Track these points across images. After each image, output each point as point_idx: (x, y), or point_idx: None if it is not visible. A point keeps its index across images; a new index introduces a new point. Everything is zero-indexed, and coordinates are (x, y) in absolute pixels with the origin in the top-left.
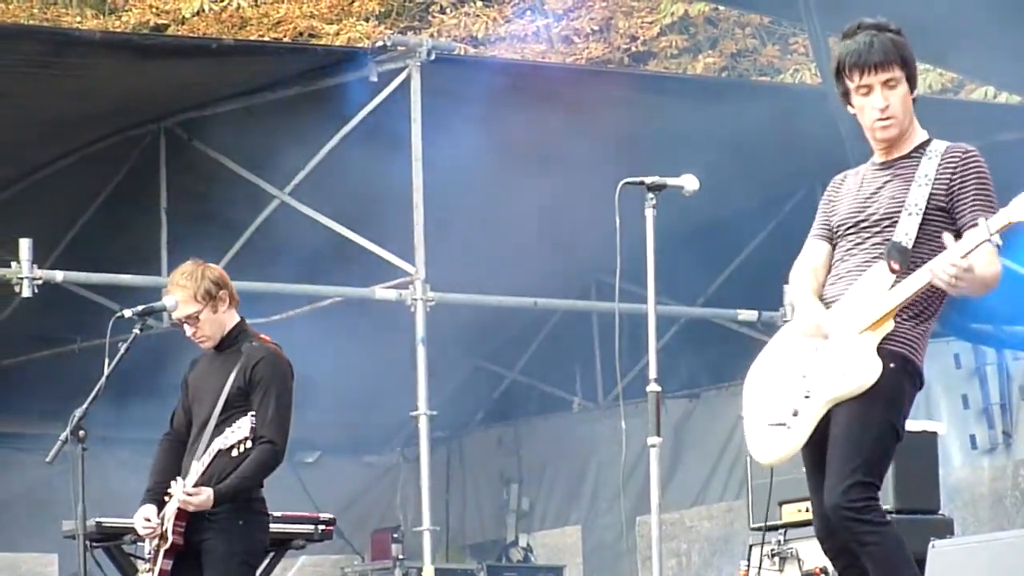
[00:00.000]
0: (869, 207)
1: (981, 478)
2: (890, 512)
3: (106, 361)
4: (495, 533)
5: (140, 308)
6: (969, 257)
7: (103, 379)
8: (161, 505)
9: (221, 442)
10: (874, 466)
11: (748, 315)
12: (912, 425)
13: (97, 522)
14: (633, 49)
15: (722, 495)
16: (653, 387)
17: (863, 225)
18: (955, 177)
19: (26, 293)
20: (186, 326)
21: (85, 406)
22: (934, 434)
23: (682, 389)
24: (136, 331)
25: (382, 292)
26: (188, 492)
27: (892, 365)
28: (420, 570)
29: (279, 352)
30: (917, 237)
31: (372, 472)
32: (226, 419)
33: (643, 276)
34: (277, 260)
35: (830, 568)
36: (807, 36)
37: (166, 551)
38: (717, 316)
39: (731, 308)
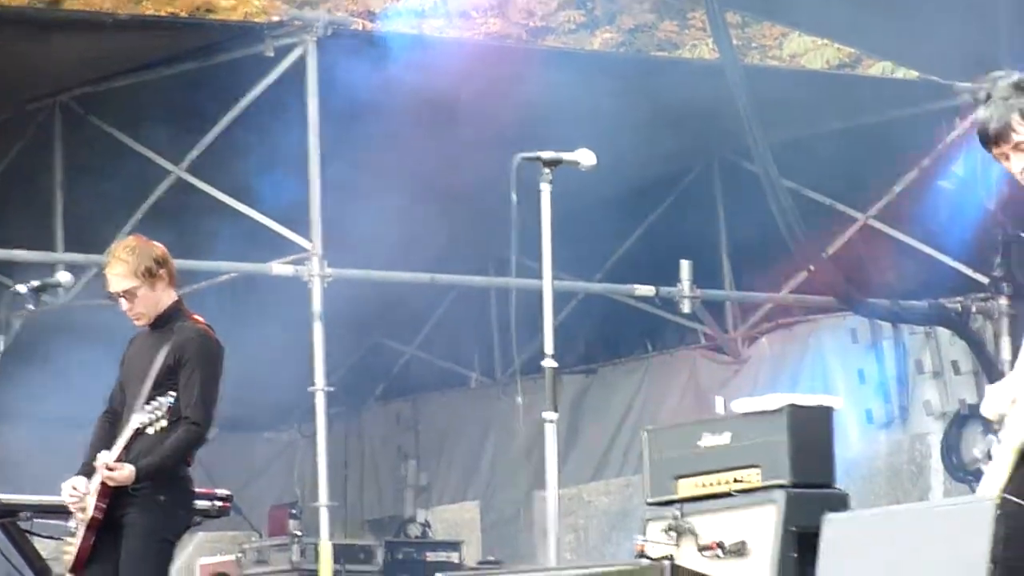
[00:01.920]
0: None
1: (878, 452)
2: (784, 486)
3: (0, 337)
4: (393, 509)
5: (35, 283)
6: None
7: None
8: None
9: (139, 420)
10: None
11: (646, 290)
12: (808, 400)
13: None
14: (531, 24)
15: (620, 470)
16: (549, 363)
17: None
18: None
19: None
20: (122, 300)
21: None
22: (830, 408)
23: (579, 364)
24: (30, 306)
25: (279, 268)
26: (109, 466)
27: None
28: (317, 546)
29: (210, 333)
30: None
31: (270, 448)
32: (154, 398)
33: (540, 251)
34: (174, 236)
35: (726, 542)
36: (704, 11)
37: (87, 525)
38: (614, 291)
39: (628, 283)
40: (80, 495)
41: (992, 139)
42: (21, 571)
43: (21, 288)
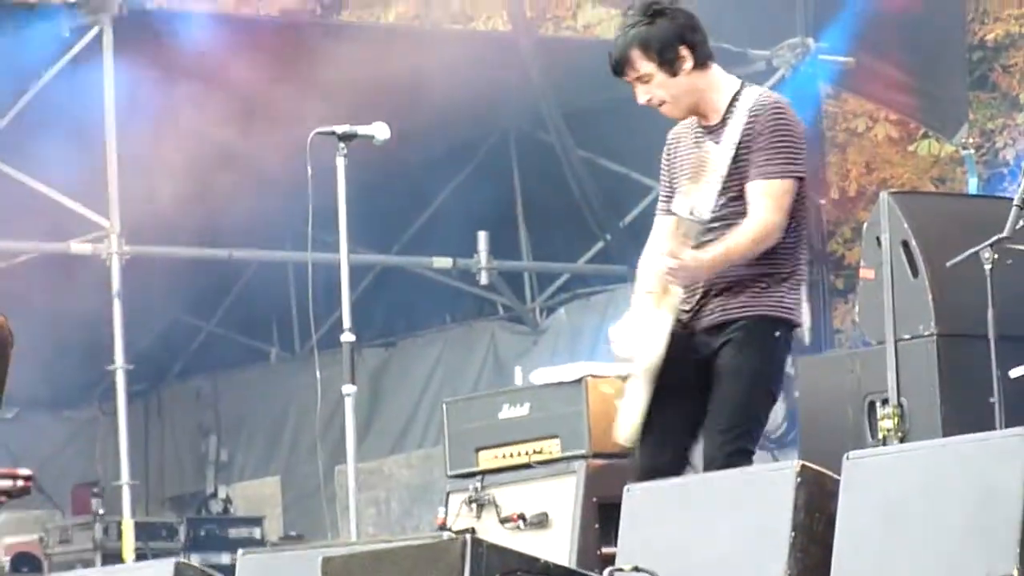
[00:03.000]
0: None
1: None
2: (585, 456)
3: None
4: (195, 485)
5: None
6: (687, 255)
7: None
8: None
9: None
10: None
11: (443, 262)
12: (605, 369)
13: None
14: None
15: (421, 442)
16: (347, 336)
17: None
18: (752, 129)
19: None
20: None
21: None
22: (629, 379)
23: (379, 338)
24: None
25: (77, 246)
26: None
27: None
28: (120, 524)
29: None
30: (722, 207)
31: (71, 427)
32: None
33: (337, 225)
34: None
35: (527, 514)
36: None
37: None
38: (412, 264)
39: (426, 256)
40: None
41: (615, 68)
42: None
43: None
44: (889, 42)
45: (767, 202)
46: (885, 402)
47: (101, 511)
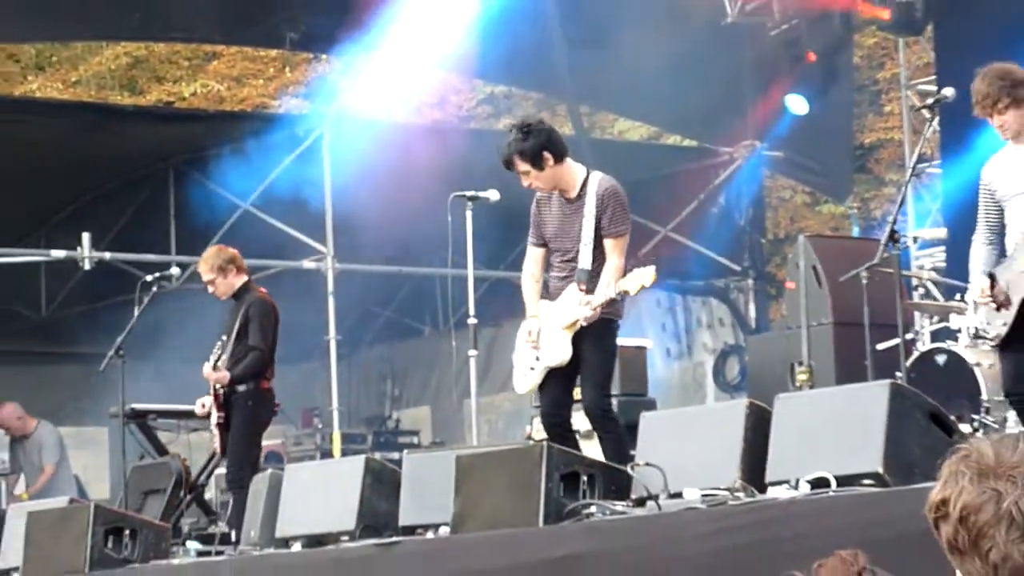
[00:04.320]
0: (565, 236)
1: (673, 375)
2: (616, 395)
3: (135, 308)
4: (378, 411)
5: (157, 275)
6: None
7: (134, 318)
8: (215, 397)
9: (212, 359)
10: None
11: None
12: (630, 342)
13: (131, 408)
14: (460, 114)
15: None
16: (472, 320)
17: (565, 249)
18: (602, 207)
19: (87, 267)
20: (208, 286)
21: (123, 335)
22: (643, 348)
23: (491, 320)
24: (154, 289)
25: (308, 264)
26: (212, 374)
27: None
28: (331, 434)
29: (267, 298)
30: (592, 260)
31: (303, 373)
32: (236, 343)
33: (466, 252)
34: (246, 244)
35: (581, 429)
36: (566, 106)
37: (219, 425)
38: (513, 276)
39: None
40: (206, 408)
41: (505, 166)
42: (149, 451)
43: (148, 278)
44: (805, 143)
45: (617, 251)
46: (801, 364)
47: (320, 425)
